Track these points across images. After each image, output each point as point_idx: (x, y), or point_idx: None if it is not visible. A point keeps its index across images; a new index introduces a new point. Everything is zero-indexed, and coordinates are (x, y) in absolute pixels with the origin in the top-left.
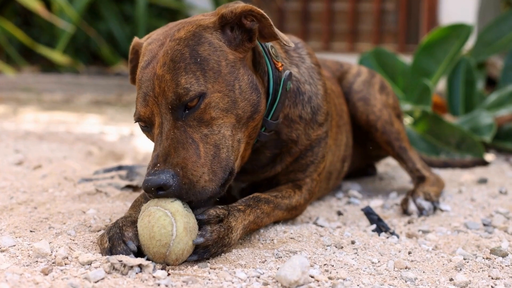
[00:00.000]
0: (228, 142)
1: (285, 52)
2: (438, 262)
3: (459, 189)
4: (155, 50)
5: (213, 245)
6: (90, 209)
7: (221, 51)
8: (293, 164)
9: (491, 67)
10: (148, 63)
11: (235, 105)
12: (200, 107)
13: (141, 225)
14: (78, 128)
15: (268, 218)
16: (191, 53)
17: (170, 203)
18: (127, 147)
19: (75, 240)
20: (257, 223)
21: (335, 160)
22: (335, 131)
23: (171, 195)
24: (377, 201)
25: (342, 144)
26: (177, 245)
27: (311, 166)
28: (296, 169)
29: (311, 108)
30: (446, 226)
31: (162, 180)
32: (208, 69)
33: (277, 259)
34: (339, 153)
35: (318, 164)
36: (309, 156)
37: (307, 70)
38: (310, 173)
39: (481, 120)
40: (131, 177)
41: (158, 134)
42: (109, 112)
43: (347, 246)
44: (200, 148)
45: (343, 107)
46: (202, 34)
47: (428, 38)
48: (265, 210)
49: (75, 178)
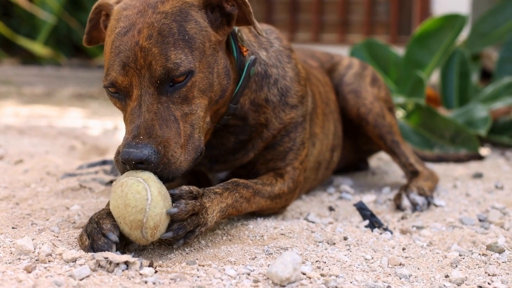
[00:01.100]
0: (200, 123)
1: (254, 36)
2: (433, 259)
3: (453, 184)
4: (132, 17)
5: (189, 222)
6: (74, 205)
7: (206, 31)
8: (271, 152)
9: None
10: (127, 31)
11: (211, 88)
12: (187, 85)
13: (114, 198)
14: (60, 122)
15: (248, 204)
16: (179, 29)
17: (141, 172)
18: (111, 141)
19: (59, 237)
20: (236, 208)
21: (323, 149)
22: (321, 119)
23: (147, 170)
24: (370, 196)
25: (330, 132)
26: (153, 210)
27: (290, 154)
28: (275, 157)
29: (278, 90)
30: (440, 222)
31: (145, 155)
32: (195, 48)
33: (268, 256)
34: (328, 142)
35: (297, 151)
36: (286, 142)
37: (275, 53)
38: (290, 161)
39: (476, 113)
40: (115, 171)
41: (135, 106)
42: (92, 105)
43: (340, 243)
44: (181, 127)
45: (329, 95)
46: (188, 11)
47: (421, 29)
48: (244, 195)
49: (58, 173)
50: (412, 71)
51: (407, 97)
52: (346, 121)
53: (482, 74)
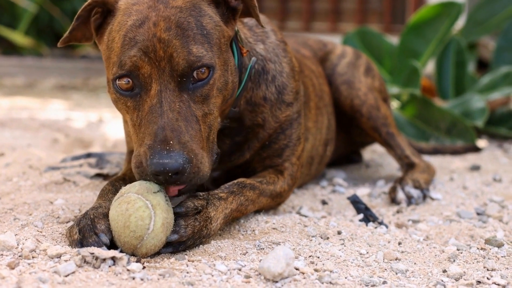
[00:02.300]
0: (216, 123)
1: (248, 30)
2: (430, 253)
3: (450, 177)
4: (144, 11)
5: (190, 238)
6: (58, 199)
7: (219, 26)
8: (266, 150)
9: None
10: (141, 23)
11: (226, 86)
12: (209, 82)
13: (116, 211)
14: (42, 114)
15: (253, 205)
16: (196, 24)
17: (153, 194)
18: (95, 134)
19: (43, 232)
20: (241, 211)
21: (316, 144)
22: (314, 113)
23: (179, 182)
24: (364, 189)
25: (323, 126)
26: (150, 240)
27: (286, 150)
28: (271, 154)
29: (276, 87)
30: (437, 216)
31: (180, 165)
32: (213, 44)
33: (259, 251)
34: (321, 136)
35: (294, 147)
36: (282, 139)
37: (272, 47)
38: (287, 157)
39: (473, 104)
40: (101, 165)
41: (156, 104)
42: (75, 97)
43: (333, 237)
44: (202, 129)
45: (323, 87)
46: (201, 6)
47: (415, 17)
48: (250, 197)
49: (40, 166)
50: (406, 61)
51: (401, 88)
52: (339, 112)
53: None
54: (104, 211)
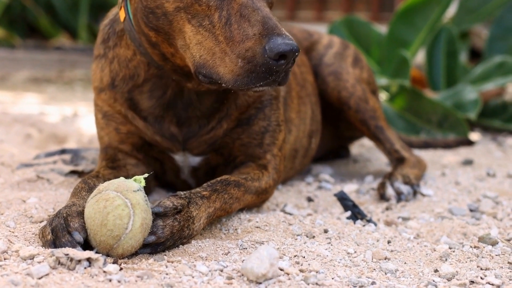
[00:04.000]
0: None
1: None
2: (421, 252)
3: (442, 172)
4: None
5: (168, 239)
6: (31, 197)
7: None
8: (246, 132)
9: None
10: None
11: None
12: None
13: (94, 208)
14: (15, 109)
15: (238, 203)
16: None
17: (133, 193)
18: (70, 129)
19: (15, 232)
20: (225, 210)
21: (300, 136)
22: (296, 102)
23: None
24: (351, 185)
25: (307, 117)
26: (128, 241)
27: (266, 136)
28: (252, 140)
29: None
30: (428, 213)
31: (298, 48)
32: None
33: (242, 251)
34: (305, 127)
35: (274, 133)
36: (260, 119)
37: None
38: (268, 147)
39: (465, 96)
40: (76, 161)
41: (248, 1)
42: (49, 90)
43: (320, 236)
44: None
45: (306, 76)
46: None
47: (405, 4)
48: (235, 195)
49: (13, 163)
50: (395, 51)
51: (390, 79)
52: (326, 105)
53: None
54: (78, 209)
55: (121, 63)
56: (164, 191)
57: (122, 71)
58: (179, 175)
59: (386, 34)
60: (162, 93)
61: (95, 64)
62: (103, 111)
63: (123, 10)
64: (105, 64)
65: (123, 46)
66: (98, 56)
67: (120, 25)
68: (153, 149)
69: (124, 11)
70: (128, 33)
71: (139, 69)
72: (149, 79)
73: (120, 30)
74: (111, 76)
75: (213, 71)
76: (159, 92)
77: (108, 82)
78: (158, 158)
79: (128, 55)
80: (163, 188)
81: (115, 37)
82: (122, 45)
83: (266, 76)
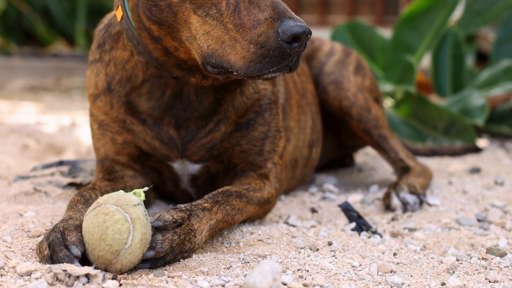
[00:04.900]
0: None
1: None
2: (428, 264)
3: (449, 180)
4: None
5: (168, 253)
6: (28, 211)
7: None
8: (244, 136)
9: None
10: None
11: None
12: None
13: (92, 222)
14: (11, 118)
15: (240, 214)
16: None
17: (133, 207)
18: (68, 139)
19: (12, 248)
20: (227, 221)
21: (300, 145)
22: (296, 111)
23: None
24: (356, 195)
25: (307, 127)
26: (127, 256)
27: (266, 143)
28: (251, 146)
29: None
30: (435, 223)
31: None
32: None
33: (244, 265)
34: (305, 137)
35: (274, 140)
36: (260, 124)
37: None
38: (268, 154)
39: (472, 101)
40: (74, 173)
41: None
42: (47, 99)
43: (324, 248)
44: None
45: (306, 85)
46: None
47: (409, 8)
48: (237, 206)
49: (9, 175)
50: (400, 56)
51: (395, 85)
52: (327, 114)
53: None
54: (75, 222)
55: (118, 65)
56: (164, 202)
57: (118, 73)
58: (178, 185)
59: (391, 38)
60: (161, 93)
61: (90, 69)
62: (98, 120)
63: (120, 9)
64: (101, 68)
65: (119, 48)
66: (94, 61)
67: (115, 28)
68: (150, 159)
69: (122, 9)
70: (125, 32)
71: (136, 70)
72: (147, 80)
73: (116, 32)
74: (107, 80)
75: (223, 60)
76: (158, 92)
77: (103, 87)
78: (156, 168)
79: (125, 56)
80: (163, 200)
81: (111, 40)
82: (118, 47)
83: (279, 60)
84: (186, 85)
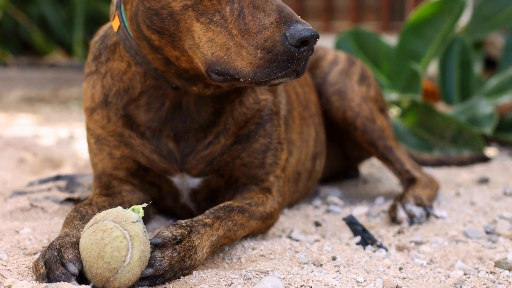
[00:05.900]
0: None
1: None
2: (435, 279)
3: (456, 191)
4: None
5: (168, 271)
6: (25, 227)
7: None
8: (245, 148)
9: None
10: None
11: None
12: None
13: (90, 239)
14: (7, 131)
15: (243, 230)
16: None
17: (131, 224)
18: (66, 152)
19: (8, 266)
20: (229, 237)
21: (302, 158)
22: (299, 123)
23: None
24: (361, 208)
25: (310, 139)
26: (125, 274)
27: (268, 155)
28: (253, 159)
29: None
30: (442, 236)
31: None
32: None
33: (246, 281)
34: (308, 149)
35: (275, 152)
36: (261, 136)
37: None
38: (270, 168)
39: (480, 109)
40: (71, 188)
41: None
42: (44, 110)
43: (327, 263)
44: None
45: (309, 96)
46: None
47: (415, 15)
48: (239, 221)
49: (5, 191)
50: (406, 63)
51: (401, 93)
52: (331, 125)
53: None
54: (71, 239)
55: (115, 77)
56: (164, 217)
57: (115, 85)
58: (178, 200)
59: (396, 46)
60: (160, 104)
61: (86, 82)
62: (95, 135)
63: (117, 19)
64: (97, 80)
65: (116, 59)
66: (90, 73)
67: (112, 39)
68: (149, 173)
69: (119, 19)
70: (122, 42)
71: (134, 81)
72: (145, 91)
73: (112, 43)
74: (104, 92)
75: (229, 67)
76: (157, 103)
77: (100, 100)
78: (155, 183)
79: (122, 67)
80: (162, 214)
81: (107, 51)
82: (115, 58)
83: (287, 65)
84: (185, 95)
